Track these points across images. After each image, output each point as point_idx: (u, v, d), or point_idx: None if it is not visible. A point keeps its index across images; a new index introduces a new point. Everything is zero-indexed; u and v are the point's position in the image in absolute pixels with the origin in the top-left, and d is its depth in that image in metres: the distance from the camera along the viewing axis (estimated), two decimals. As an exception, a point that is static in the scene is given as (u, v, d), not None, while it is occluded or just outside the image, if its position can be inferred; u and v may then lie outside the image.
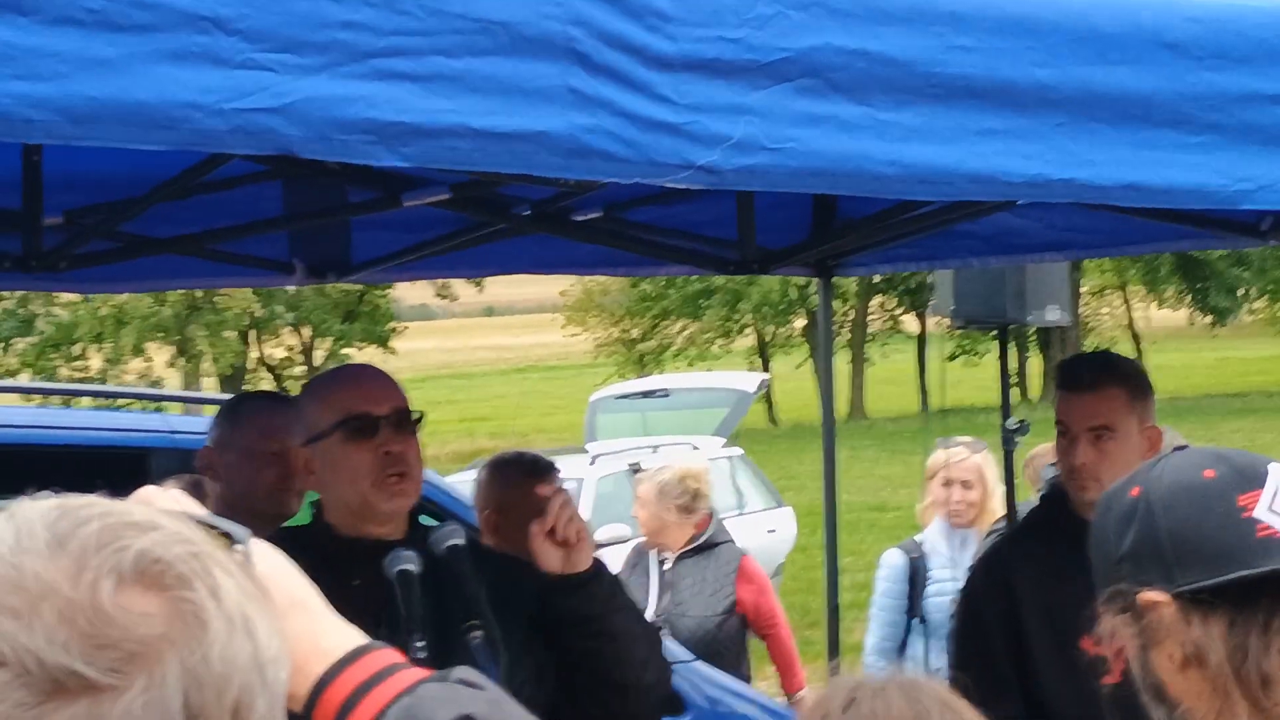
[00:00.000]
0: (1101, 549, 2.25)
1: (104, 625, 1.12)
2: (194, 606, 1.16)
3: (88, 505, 1.19)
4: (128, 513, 1.19)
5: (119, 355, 43.13)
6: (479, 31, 2.21)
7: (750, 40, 2.40)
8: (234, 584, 1.19)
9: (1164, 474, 2.20)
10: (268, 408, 4.45)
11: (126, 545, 1.16)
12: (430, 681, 1.53)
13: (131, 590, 1.14)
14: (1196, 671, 2.08)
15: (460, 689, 1.52)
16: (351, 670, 1.54)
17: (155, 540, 1.17)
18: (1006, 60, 2.62)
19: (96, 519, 1.18)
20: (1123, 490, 2.25)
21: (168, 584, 1.16)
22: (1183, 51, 2.82)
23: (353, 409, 3.39)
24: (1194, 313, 55.69)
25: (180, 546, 1.18)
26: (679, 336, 54.08)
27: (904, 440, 36.44)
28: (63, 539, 1.16)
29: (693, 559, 7.32)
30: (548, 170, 2.32)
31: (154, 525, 1.19)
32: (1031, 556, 4.20)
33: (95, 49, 2.00)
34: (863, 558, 17.83)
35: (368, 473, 3.37)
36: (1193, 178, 2.87)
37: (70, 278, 4.61)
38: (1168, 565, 2.12)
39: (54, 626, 1.11)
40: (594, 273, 6.36)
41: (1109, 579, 2.23)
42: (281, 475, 4.29)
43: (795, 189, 2.85)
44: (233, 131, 2.10)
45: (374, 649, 1.57)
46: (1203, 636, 2.06)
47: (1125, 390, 4.14)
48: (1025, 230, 5.32)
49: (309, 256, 5.16)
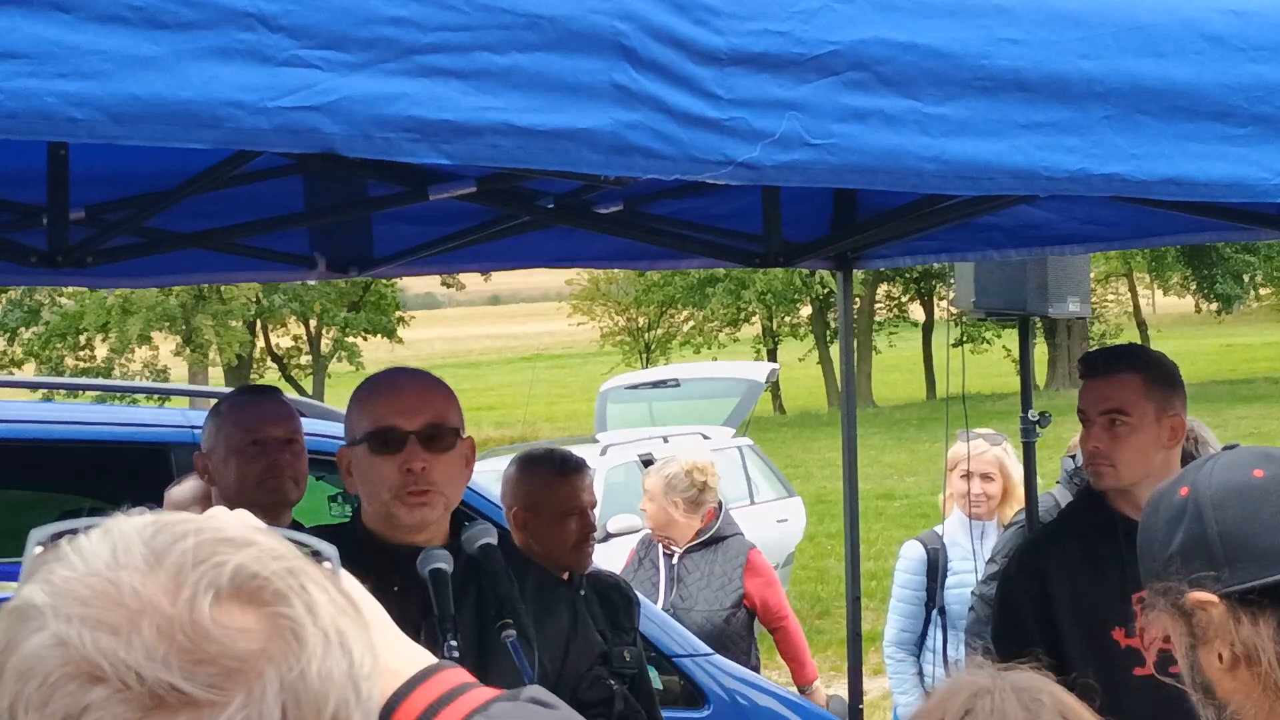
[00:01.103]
0: (1149, 547, 2.23)
1: (203, 641, 1.12)
2: (291, 622, 1.16)
3: (183, 521, 1.20)
4: (222, 529, 1.20)
5: (125, 345, 43.13)
6: (525, 27, 2.18)
7: (797, 33, 2.38)
8: (328, 599, 1.19)
9: (1213, 474, 2.17)
10: (245, 402, 4.48)
11: (224, 561, 1.16)
12: (502, 700, 1.53)
13: (229, 606, 1.14)
14: (1246, 671, 2.07)
15: (532, 708, 1.52)
16: (422, 690, 1.54)
17: (251, 556, 1.17)
18: (1054, 52, 2.59)
19: (192, 534, 1.18)
20: (1172, 489, 2.22)
21: (265, 600, 1.16)
22: (1226, 43, 2.79)
23: (382, 421, 3.35)
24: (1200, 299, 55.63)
25: (276, 562, 1.18)
26: (685, 325, 54.07)
27: (911, 428, 36.46)
28: (160, 554, 1.16)
29: (700, 552, 7.30)
30: (589, 167, 2.30)
31: (249, 541, 1.19)
32: (1065, 549, 4.24)
33: (139, 47, 1.97)
34: (872, 546, 17.85)
35: (390, 486, 3.34)
36: (1234, 171, 2.84)
37: (95, 273, 4.59)
38: (1217, 565, 2.10)
39: (153, 642, 1.11)
40: (614, 266, 6.33)
41: (1157, 576, 2.20)
42: (267, 465, 4.32)
43: (834, 185, 2.82)
44: (276, 130, 2.07)
45: (444, 668, 1.57)
46: (1253, 636, 2.05)
47: (1141, 377, 4.16)
48: (1047, 222, 5.30)
49: (330, 251, 5.14)
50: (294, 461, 4.37)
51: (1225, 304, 52.83)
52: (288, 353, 49.05)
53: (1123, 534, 4.14)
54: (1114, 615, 4.09)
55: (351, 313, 46.68)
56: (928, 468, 25.43)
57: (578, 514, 4.68)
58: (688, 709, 6.11)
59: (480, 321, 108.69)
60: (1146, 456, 4.15)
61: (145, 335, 42.99)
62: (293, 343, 49.61)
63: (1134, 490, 4.14)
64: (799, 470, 28.01)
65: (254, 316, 44.69)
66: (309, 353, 48.71)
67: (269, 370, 48.28)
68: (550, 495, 4.63)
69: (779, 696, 6.56)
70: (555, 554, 4.63)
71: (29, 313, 43.21)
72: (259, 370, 47.38)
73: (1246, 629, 2.05)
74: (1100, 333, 50.28)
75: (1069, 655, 4.07)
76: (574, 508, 4.66)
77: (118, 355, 43.78)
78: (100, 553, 1.16)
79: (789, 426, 41.90)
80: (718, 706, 6.17)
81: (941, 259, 5.98)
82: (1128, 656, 4.05)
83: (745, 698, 6.32)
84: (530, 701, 1.53)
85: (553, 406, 50.52)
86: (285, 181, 4.48)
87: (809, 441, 35.66)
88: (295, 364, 48.73)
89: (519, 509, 4.70)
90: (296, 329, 49.18)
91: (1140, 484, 4.12)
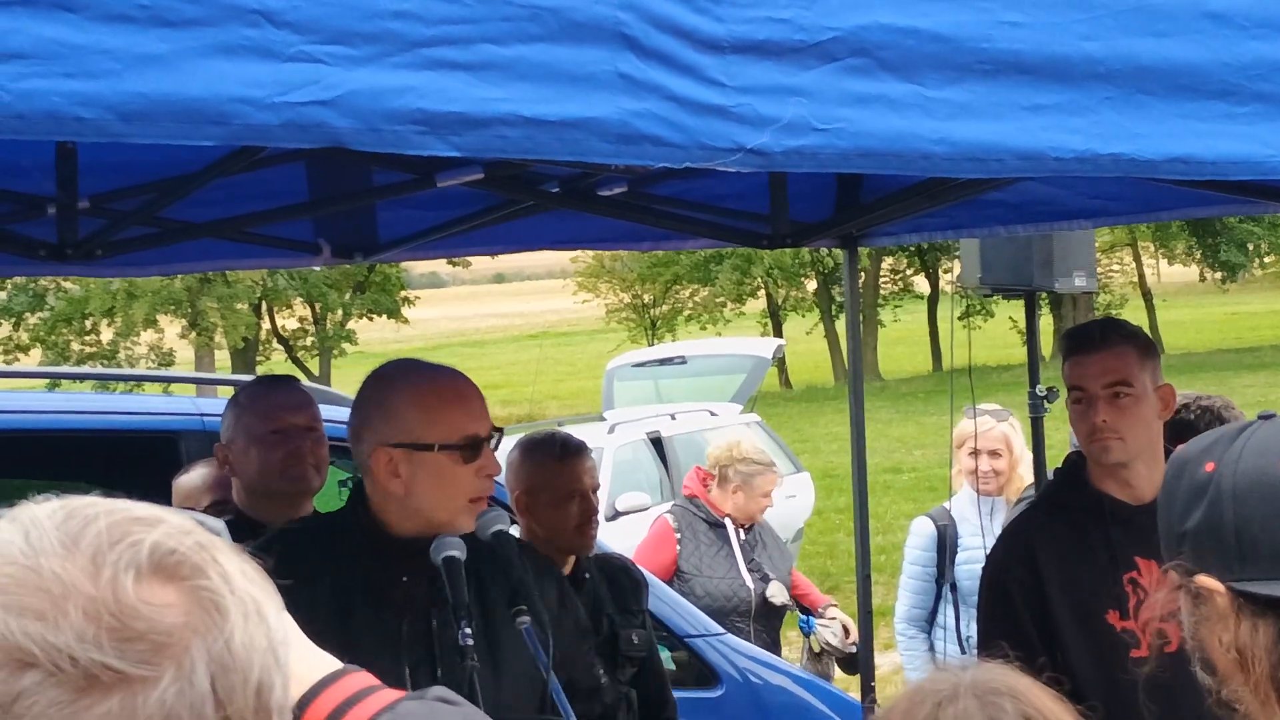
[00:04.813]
0: (1167, 515, 2.15)
1: (130, 619, 1.14)
2: (212, 594, 1.18)
3: (91, 504, 1.21)
4: (129, 509, 1.21)
5: (130, 329, 43.18)
6: (528, 18, 2.19)
7: (799, 20, 2.38)
8: (238, 570, 1.22)
9: (1242, 457, 2.07)
10: (264, 391, 4.50)
11: (139, 539, 1.18)
12: (409, 700, 1.55)
13: (151, 583, 1.16)
14: (1240, 672, 2.03)
15: (439, 706, 1.55)
16: (329, 692, 1.57)
17: (164, 533, 1.19)
18: (1055, 34, 2.59)
19: (103, 516, 1.19)
20: (1198, 461, 2.12)
21: (184, 574, 1.18)
22: (1229, 21, 2.79)
23: (466, 430, 3.35)
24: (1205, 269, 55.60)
25: (187, 537, 1.20)
26: (690, 301, 54.06)
27: (917, 401, 36.47)
28: (75, 538, 1.17)
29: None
30: (598, 156, 2.30)
31: (158, 519, 1.21)
32: (1052, 531, 4.19)
33: (145, 45, 1.97)
34: (880, 520, 17.87)
35: (467, 492, 3.34)
36: (1240, 149, 2.83)
37: (103, 264, 4.60)
38: (1228, 556, 2.03)
39: (81, 624, 1.13)
40: (620, 248, 6.34)
41: (1168, 550, 2.15)
42: (289, 453, 4.33)
43: (845, 169, 2.83)
44: (284, 125, 2.07)
45: (350, 672, 1.60)
46: (1249, 642, 2.00)
47: (1134, 348, 4.15)
48: (1053, 198, 5.29)
49: (335, 237, 5.15)
50: (315, 449, 4.39)
51: (1230, 273, 52.78)
52: (293, 335, 49.08)
53: (1109, 515, 4.13)
54: (1107, 598, 4.06)
55: (357, 294, 46.69)
56: (935, 440, 25.43)
57: (579, 497, 4.68)
58: (700, 689, 6.13)
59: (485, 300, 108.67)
60: (1149, 427, 4.13)
61: (151, 319, 43.03)
62: (298, 324, 49.63)
63: (1121, 469, 4.13)
64: (806, 445, 28.02)
65: (259, 299, 44.71)
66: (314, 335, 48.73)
67: (275, 352, 48.31)
68: (551, 479, 4.64)
69: (792, 675, 6.58)
70: (558, 537, 4.65)
71: (34, 298, 43.25)
72: (264, 353, 47.42)
73: (1245, 632, 2.00)
74: (1105, 303, 50.24)
75: (1064, 640, 4.06)
76: (575, 491, 4.67)
77: (123, 339, 43.82)
78: (13, 540, 1.17)
79: (795, 402, 41.93)
80: (730, 686, 6.19)
81: (948, 235, 5.98)
82: (1123, 639, 4.03)
83: (758, 677, 6.33)
84: (437, 700, 1.55)
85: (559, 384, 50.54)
86: (291, 169, 4.48)
87: (816, 416, 35.68)
88: (301, 346, 48.76)
89: (520, 493, 4.72)
90: (302, 310, 49.20)
91: (1138, 458, 4.11)
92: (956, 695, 1.99)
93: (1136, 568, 4.05)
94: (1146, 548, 3.86)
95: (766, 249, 5.45)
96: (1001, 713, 1.97)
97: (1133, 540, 4.02)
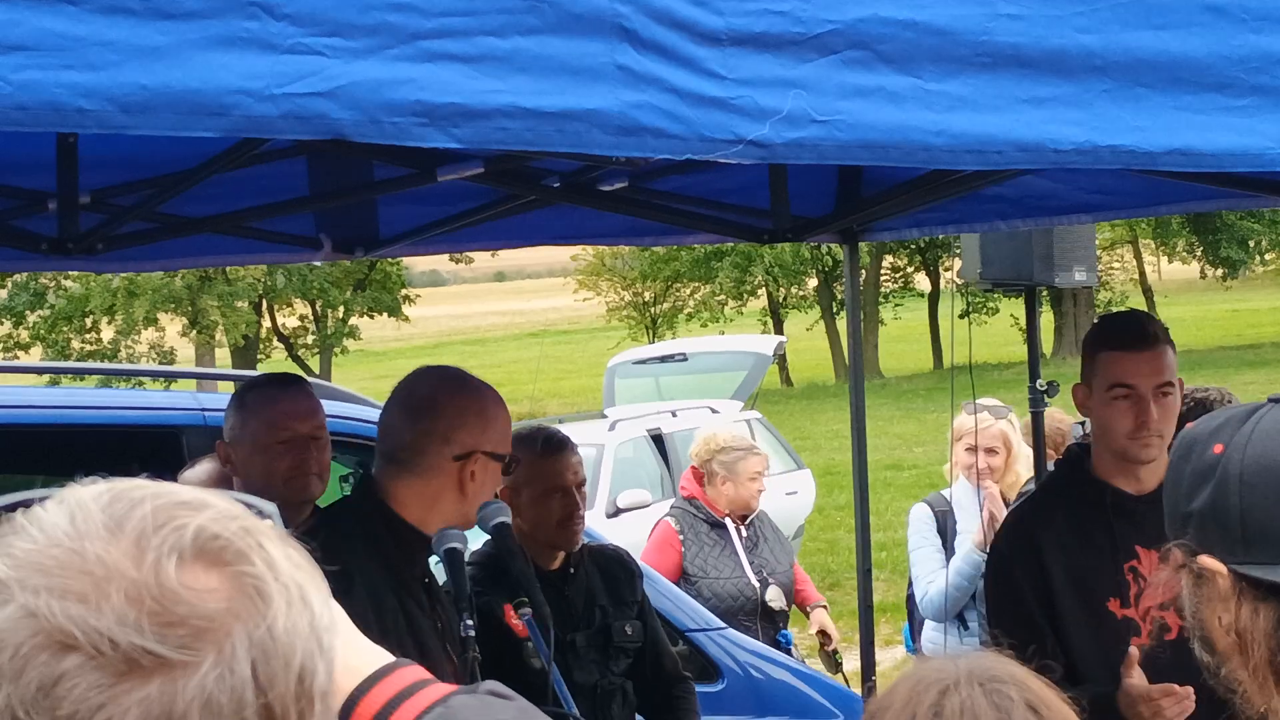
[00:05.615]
0: (1172, 495, 2.14)
1: (171, 604, 1.14)
2: (255, 580, 1.18)
3: (137, 487, 1.21)
4: (176, 493, 1.21)
5: (130, 327, 43.16)
6: (527, 11, 2.20)
7: (797, 13, 2.38)
8: (284, 556, 1.22)
9: (1252, 440, 2.05)
10: (272, 396, 4.40)
11: (184, 524, 1.18)
12: (461, 694, 1.54)
13: (194, 567, 1.16)
14: (1239, 654, 2.03)
15: (491, 700, 1.54)
16: (382, 686, 1.56)
17: (210, 518, 1.19)
18: (1053, 27, 2.59)
19: (149, 500, 1.19)
20: (1206, 442, 2.10)
21: (227, 560, 1.18)
22: (1227, 14, 2.79)
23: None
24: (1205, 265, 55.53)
25: (233, 522, 1.20)
26: (691, 299, 54.03)
27: (918, 398, 36.45)
28: (119, 521, 1.17)
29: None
30: (599, 148, 2.31)
31: (205, 503, 1.21)
32: (1054, 520, 4.22)
33: (145, 37, 1.98)
34: (881, 517, 17.84)
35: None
36: (1239, 142, 2.83)
37: (105, 258, 4.60)
38: (1233, 540, 2.03)
39: (123, 608, 1.13)
40: (621, 243, 6.34)
41: (1173, 530, 2.14)
42: (295, 462, 4.27)
43: (845, 161, 2.84)
44: (283, 117, 2.08)
45: (403, 665, 1.59)
46: (1249, 625, 2.00)
47: (1171, 347, 4.20)
48: (1053, 192, 5.30)
49: (336, 232, 5.15)
50: (319, 456, 4.33)
51: (1230, 269, 52.72)
52: (294, 333, 49.06)
53: (1111, 505, 4.16)
54: (1108, 586, 4.09)
55: (358, 292, 46.67)
56: (935, 437, 25.43)
57: (561, 492, 4.66)
58: (701, 683, 6.13)
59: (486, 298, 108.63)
60: (1176, 425, 4.17)
61: (151, 317, 43.01)
62: (299, 322, 49.61)
63: (1123, 461, 4.16)
64: (807, 442, 28.01)
65: (259, 297, 44.70)
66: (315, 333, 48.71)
67: (275, 350, 48.29)
68: (533, 475, 4.62)
69: (793, 670, 6.58)
70: (540, 532, 4.64)
71: (35, 296, 43.24)
72: (265, 351, 47.39)
73: (1245, 615, 2.00)
74: (1106, 300, 50.19)
75: (1067, 628, 4.09)
76: (557, 486, 4.65)
77: (124, 338, 43.81)
78: (59, 523, 1.18)
79: (796, 399, 41.91)
80: (731, 680, 6.19)
81: (949, 230, 5.98)
82: (1124, 627, 4.06)
83: (759, 671, 6.33)
84: (489, 694, 1.55)
85: (560, 382, 50.50)
86: (291, 164, 4.48)
87: (816, 413, 35.66)
88: (301, 343, 48.75)
89: (505, 488, 4.72)
90: (303, 308, 49.19)
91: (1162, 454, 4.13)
92: (959, 684, 1.98)
93: (1137, 556, 4.08)
94: (1147, 537, 3.88)
95: (767, 243, 5.46)
96: (1008, 701, 1.96)
97: (1134, 530, 4.06)
